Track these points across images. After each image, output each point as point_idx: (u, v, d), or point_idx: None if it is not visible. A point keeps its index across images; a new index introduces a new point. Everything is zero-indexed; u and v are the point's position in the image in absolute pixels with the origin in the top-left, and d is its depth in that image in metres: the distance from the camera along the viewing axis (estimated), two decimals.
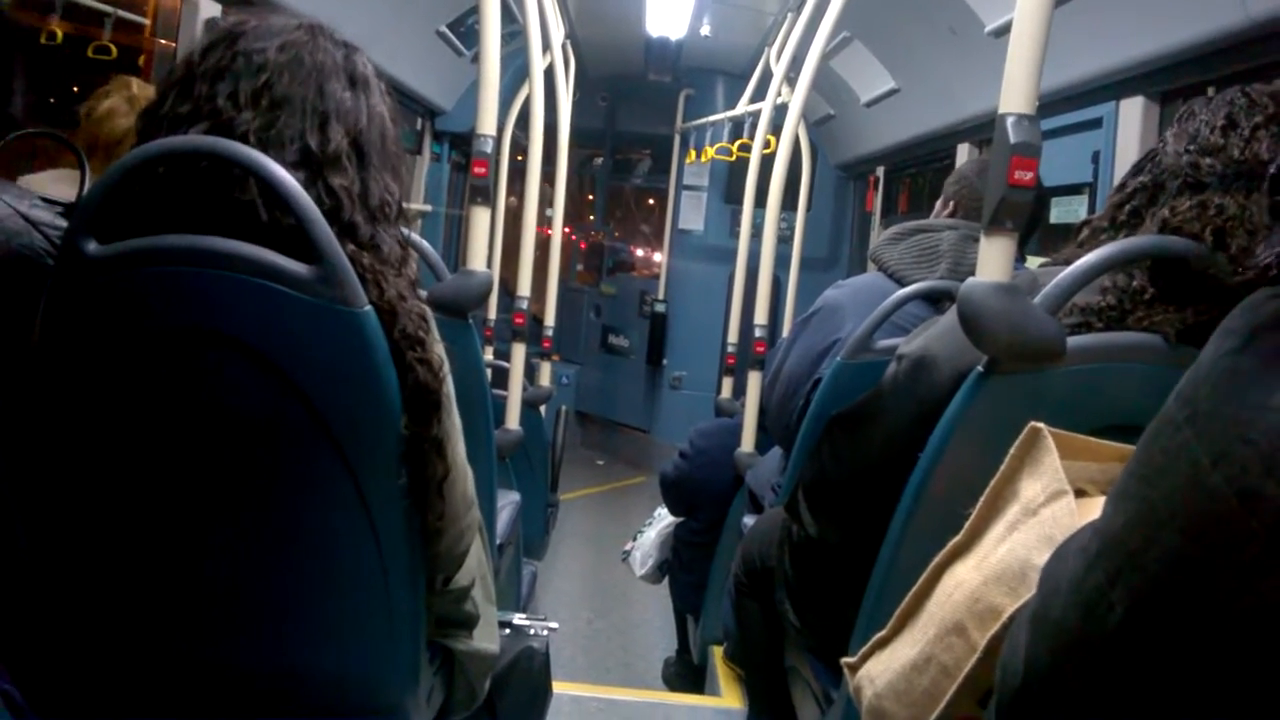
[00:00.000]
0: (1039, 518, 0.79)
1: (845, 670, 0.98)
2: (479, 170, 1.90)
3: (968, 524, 0.87)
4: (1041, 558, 0.67)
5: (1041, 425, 0.85)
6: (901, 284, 1.81)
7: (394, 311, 1.07)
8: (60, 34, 2.34)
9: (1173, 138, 1.14)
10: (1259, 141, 1.06)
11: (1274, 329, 0.51)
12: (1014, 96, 1.09)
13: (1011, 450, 0.87)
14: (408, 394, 1.07)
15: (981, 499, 0.87)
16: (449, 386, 1.13)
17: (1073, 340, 1.09)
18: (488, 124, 1.92)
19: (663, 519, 3.40)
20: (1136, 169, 1.17)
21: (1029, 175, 1.08)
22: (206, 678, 1.12)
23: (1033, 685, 0.62)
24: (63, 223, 1.13)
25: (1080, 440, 0.85)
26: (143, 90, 1.88)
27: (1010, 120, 1.08)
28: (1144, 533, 0.54)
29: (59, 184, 1.64)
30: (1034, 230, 2.01)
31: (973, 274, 1.14)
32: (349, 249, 1.06)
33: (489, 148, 1.91)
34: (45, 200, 1.20)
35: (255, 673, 1.12)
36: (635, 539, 3.50)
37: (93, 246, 1.03)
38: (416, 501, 1.12)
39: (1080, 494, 0.81)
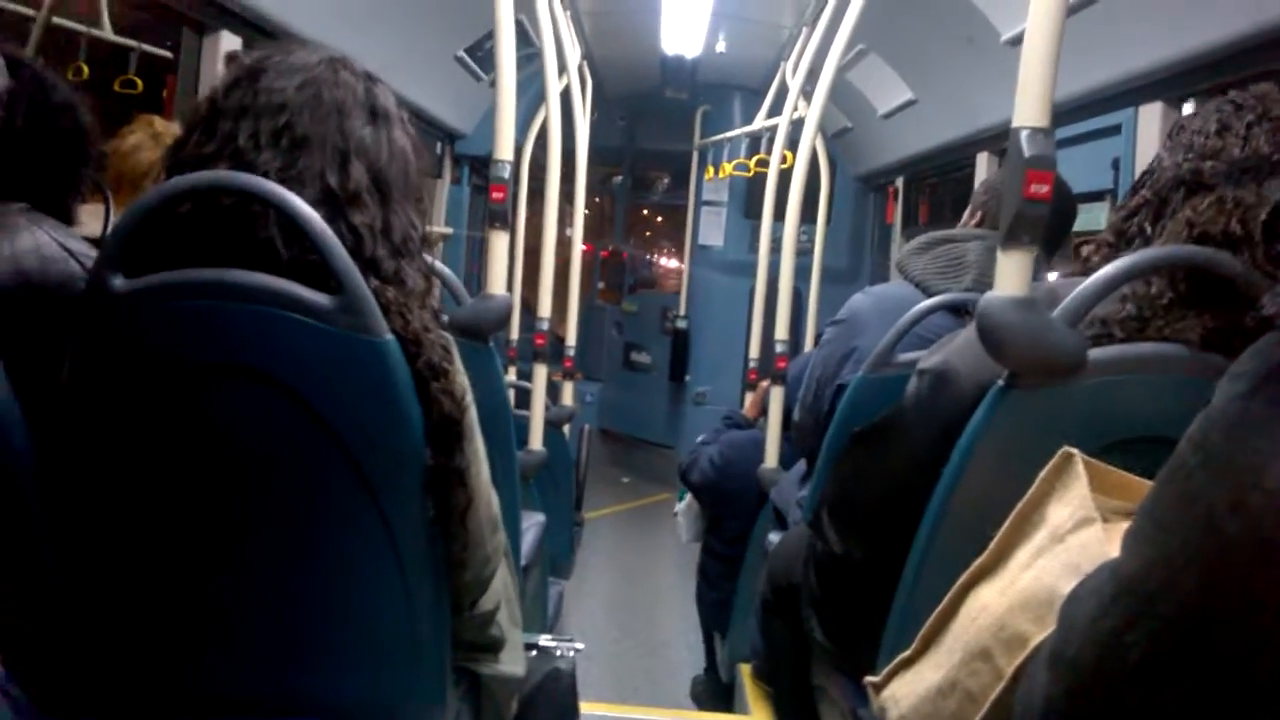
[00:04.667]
0: (1066, 545, 0.78)
1: (869, 689, 0.98)
2: (496, 196, 1.92)
3: (992, 545, 0.87)
4: (1068, 586, 0.67)
5: (1075, 451, 0.84)
6: (927, 294, 1.81)
7: (419, 343, 1.08)
8: (86, 71, 2.39)
9: (1168, 152, 1.14)
10: (1256, 138, 1.07)
11: None
12: (1028, 109, 1.09)
13: (1041, 474, 0.86)
14: (432, 425, 1.08)
15: (1008, 521, 0.87)
16: (472, 415, 1.14)
17: (1094, 352, 1.08)
18: (505, 150, 1.94)
19: None
20: (1136, 187, 1.17)
21: (1045, 189, 1.08)
22: (230, 703, 1.13)
23: None
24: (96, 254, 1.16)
25: (1116, 475, 0.84)
26: (165, 127, 1.92)
27: (1025, 134, 1.08)
28: (1161, 577, 0.54)
29: (87, 219, 1.67)
30: (1064, 239, 2.00)
31: None
32: (373, 284, 1.07)
33: (506, 173, 1.93)
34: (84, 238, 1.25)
35: (280, 699, 1.13)
36: (680, 500, 3.50)
37: (118, 282, 1.04)
38: (440, 531, 1.13)
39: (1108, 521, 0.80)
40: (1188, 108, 2.15)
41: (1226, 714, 0.52)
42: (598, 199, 7.62)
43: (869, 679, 1.01)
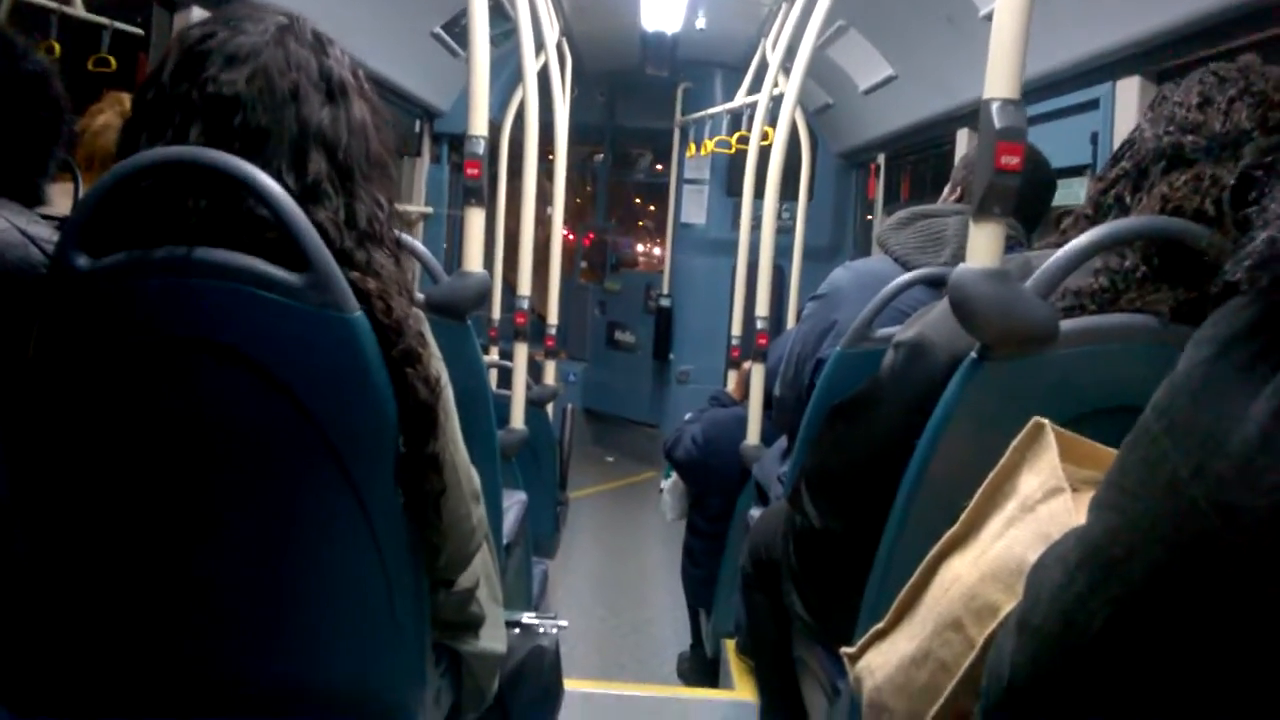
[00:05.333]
0: (1036, 515, 0.79)
1: (845, 660, 0.99)
2: (471, 172, 1.90)
3: (964, 516, 0.88)
4: (1037, 556, 0.67)
5: (1045, 421, 0.85)
6: (907, 268, 1.81)
7: (400, 331, 1.06)
8: (58, 50, 2.35)
9: (1149, 124, 1.14)
10: (1237, 113, 1.06)
11: (1247, 339, 0.51)
12: (998, 82, 1.09)
13: (1012, 444, 0.87)
14: (407, 412, 1.06)
15: (979, 491, 0.87)
16: (447, 396, 1.13)
17: (1066, 323, 1.08)
18: (479, 125, 1.92)
19: None
20: (1116, 158, 1.17)
21: (1015, 160, 1.07)
22: (207, 685, 1.13)
23: (1017, 690, 0.63)
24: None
25: (1086, 445, 0.85)
26: None
27: (995, 105, 1.08)
28: (1125, 543, 0.54)
29: (57, 198, 1.65)
30: (1044, 212, 2.00)
31: None
32: (351, 275, 1.05)
33: (481, 149, 1.90)
34: (45, 216, 1.22)
35: (258, 679, 1.13)
36: (666, 478, 3.49)
37: (82, 261, 1.03)
38: (415, 517, 1.12)
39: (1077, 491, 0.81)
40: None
41: (1189, 679, 0.53)
42: (588, 185, 7.57)
43: (845, 650, 1.01)
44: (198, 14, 2.28)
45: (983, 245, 1.10)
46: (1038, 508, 0.80)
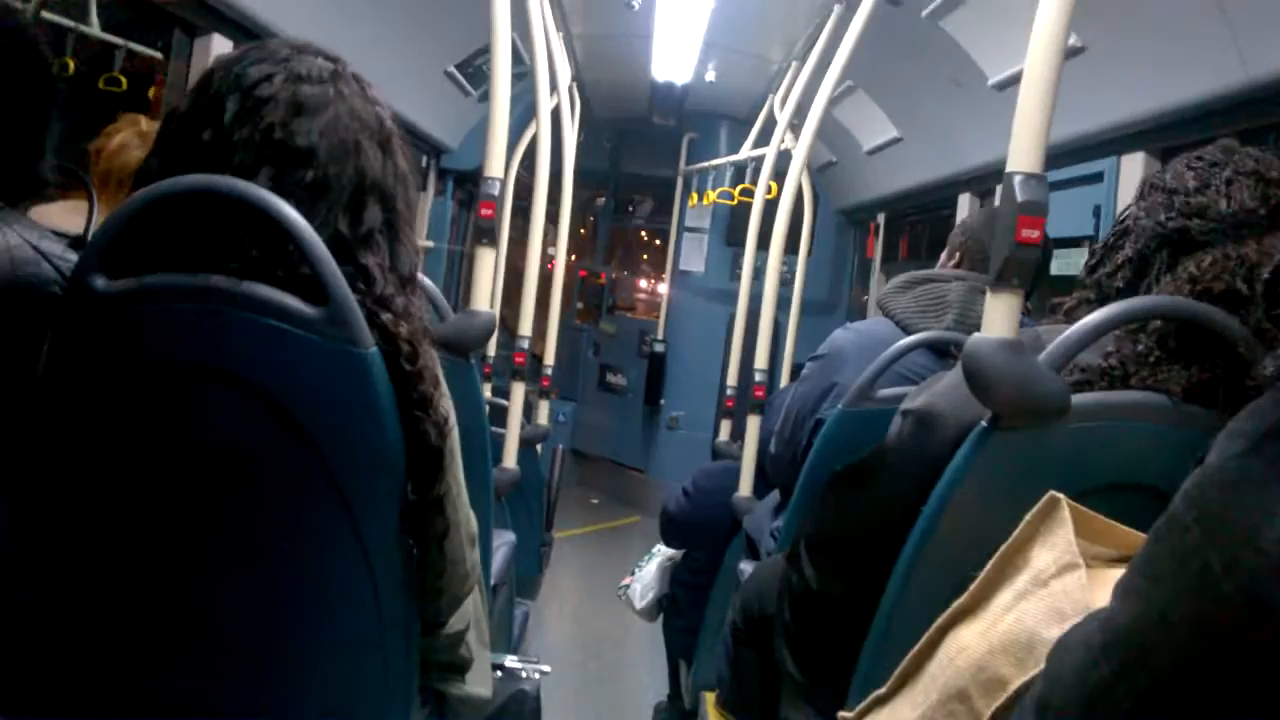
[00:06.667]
0: (1049, 589, 0.78)
1: None
2: (485, 212, 1.91)
3: (973, 586, 0.87)
4: (1050, 631, 0.67)
5: (1060, 496, 0.85)
6: (908, 332, 1.82)
7: (422, 377, 1.07)
8: (72, 67, 2.36)
9: (1144, 211, 1.15)
10: (1238, 193, 1.08)
11: None
12: (1022, 156, 1.10)
13: (1026, 517, 0.87)
14: (416, 455, 1.07)
15: (991, 562, 0.87)
16: (454, 439, 1.13)
17: (1077, 398, 1.08)
18: (495, 167, 1.93)
19: (664, 551, 3.36)
20: (1112, 246, 1.18)
21: (1035, 234, 1.09)
22: (195, 713, 1.11)
23: None
24: (72, 255, 1.14)
25: (1100, 521, 0.85)
26: (151, 126, 1.90)
27: (1018, 179, 1.09)
28: (1153, 632, 0.54)
29: (68, 216, 1.65)
30: (1038, 283, 2.02)
31: (979, 326, 1.14)
32: (384, 318, 1.05)
33: (496, 190, 1.91)
34: (55, 233, 1.21)
35: (246, 712, 1.11)
36: (634, 573, 3.45)
37: (101, 283, 1.03)
38: (418, 557, 1.12)
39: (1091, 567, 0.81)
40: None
41: None
42: (589, 217, 7.60)
43: (843, 714, 1.00)
44: (219, 40, 2.30)
45: (999, 316, 1.11)
46: (1051, 583, 0.80)
